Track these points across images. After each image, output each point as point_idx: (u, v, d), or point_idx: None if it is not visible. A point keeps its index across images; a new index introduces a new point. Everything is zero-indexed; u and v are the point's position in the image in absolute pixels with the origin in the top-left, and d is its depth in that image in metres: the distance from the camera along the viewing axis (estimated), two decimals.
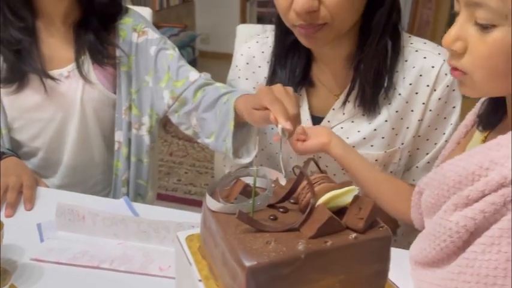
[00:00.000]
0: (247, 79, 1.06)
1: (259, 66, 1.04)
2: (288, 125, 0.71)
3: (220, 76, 1.12)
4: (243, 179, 0.53)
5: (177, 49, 1.13)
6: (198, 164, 2.93)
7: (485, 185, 0.55)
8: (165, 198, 2.54)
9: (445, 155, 0.79)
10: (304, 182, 0.49)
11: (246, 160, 0.94)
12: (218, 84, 1.06)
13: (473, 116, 0.76)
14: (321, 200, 0.48)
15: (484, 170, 0.56)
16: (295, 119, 0.74)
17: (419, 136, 0.94)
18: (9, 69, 1.00)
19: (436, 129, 0.94)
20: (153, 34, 1.11)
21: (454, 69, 0.62)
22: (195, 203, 2.48)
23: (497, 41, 0.55)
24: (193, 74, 1.07)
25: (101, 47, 1.05)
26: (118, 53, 1.08)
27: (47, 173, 1.16)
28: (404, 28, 0.93)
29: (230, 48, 1.20)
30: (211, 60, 4.84)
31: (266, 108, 0.76)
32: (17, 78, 1.01)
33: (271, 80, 0.98)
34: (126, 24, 1.10)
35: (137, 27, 1.10)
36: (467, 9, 0.58)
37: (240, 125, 0.94)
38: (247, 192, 0.50)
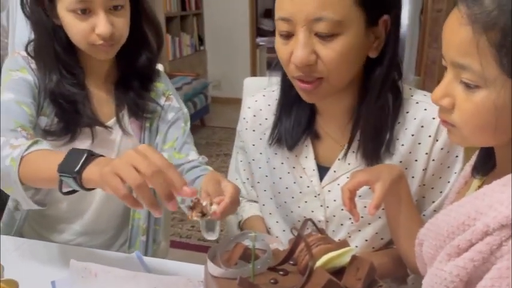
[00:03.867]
0: (254, 130, 1.09)
1: (266, 119, 1.07)
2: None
3: (232, 120, 1.18)
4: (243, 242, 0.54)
5: (189, 123, 1.23)
6: None
7: (471, 234, 0.56)
8: (178, 245, 2.53)
9: (447, 205, 0.80)
10: (302, 244, 0.50)
11: (211, 237, 0.91)
12: (209, 167, 1.13)
13: (471, 166, 0.77)
14: (319, 263, 0.49)
15: (471, 219, 0.57)
16: None
17: (424, 185, 0.95)
18: (64, 122, 1.07)
19: (440, 177, 0.95)
20: (175, 102, 1.22)
21: (443, 121, 0.65)
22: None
23: (482, 100, 0.58)
24: (193, 154, 1.17)
25: (141, 101, 1.15)
26: (150, 108, 1.17)
27: (72, 219, 1.20)
28: (412, 68, 0.95)
29: (241, 93, 1.27)
30: (223, 105, 4.94)
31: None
32: (71, 130, 1.07)
33: (277, 126, 1.01)
34: (158, 88, 1.20)
35: (166, 93, 1.21)
36: (453, 69, 0.61)
37: None
38: (248, 255, 0.52)
